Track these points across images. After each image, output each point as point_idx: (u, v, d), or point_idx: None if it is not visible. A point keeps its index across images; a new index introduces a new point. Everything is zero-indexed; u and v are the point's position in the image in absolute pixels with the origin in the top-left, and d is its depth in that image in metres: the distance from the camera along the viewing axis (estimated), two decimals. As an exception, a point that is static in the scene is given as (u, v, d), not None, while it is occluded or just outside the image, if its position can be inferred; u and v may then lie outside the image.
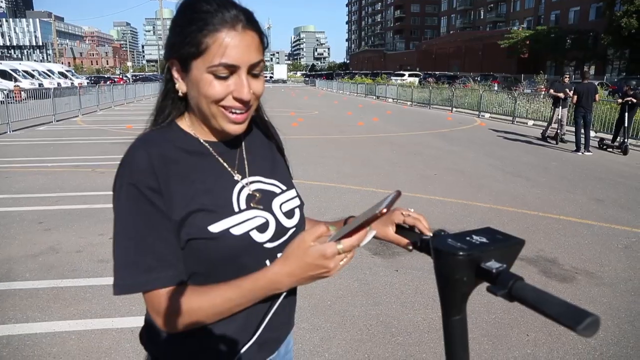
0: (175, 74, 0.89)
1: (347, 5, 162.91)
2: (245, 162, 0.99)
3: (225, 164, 0.95)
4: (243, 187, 0.95)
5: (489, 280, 0.59)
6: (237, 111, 0.87)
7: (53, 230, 4.88)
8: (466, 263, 0.60)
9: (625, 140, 10.41)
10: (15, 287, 3.62)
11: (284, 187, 1.03)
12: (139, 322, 1.03)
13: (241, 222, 0.90)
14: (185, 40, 0.83)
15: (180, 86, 0.89)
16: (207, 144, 0.95)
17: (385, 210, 0.68)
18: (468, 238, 0.64)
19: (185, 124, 0.95)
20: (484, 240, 0.63)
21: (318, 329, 3.11)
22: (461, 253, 0.60)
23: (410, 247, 0.94)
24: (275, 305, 0.94)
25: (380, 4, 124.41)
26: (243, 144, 1.01)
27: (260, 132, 1.08)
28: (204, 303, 0.83)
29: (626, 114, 10.53)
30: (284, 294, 0.92)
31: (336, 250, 0.73)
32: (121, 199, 0.84)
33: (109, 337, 2.96)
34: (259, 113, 1.06)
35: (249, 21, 0.85)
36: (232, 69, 0.83)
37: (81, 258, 4.18)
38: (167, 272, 0.84)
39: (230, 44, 0.82)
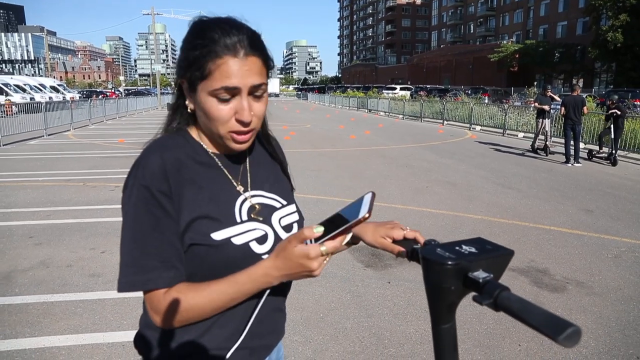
0: (185, 92, 0.95)
1: (338, 20, 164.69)
2: (249, 176, 1.03)
3: (229, 176, 1.00)
4: (245, 199, 0.99)
5: (476, 290, 0.60)
6: (241, 132, 0.92)
7: (44, 245, 4.84)
8: (454, 272, 0.61)
9: (614, 151, 10.56)
10: (4, 302, 3.58)
11: (284, 202, 1.07)
12: (130, 336, 1.05)
13: (242, 233, 0.94)
14: (191, 65, 0.89)
15: (189, 104, 0.95)
16: (213, 155, 0.99)
17: (367, 215, 0.73)
18: (457, 248, 0.64)
19: (195, 134, 1.00)
20: (473, 250, 0.64)
21: (310, 342, 3.10)
22: (449, 262, 0.60)
23: (404, 255, 0.95)
24: (255, 313, 0.96)
25: (371, 18, 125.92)
26: (247, 158, 1.05)
27: (265, 148, 1.13)
28: (200, 299, 0.87)
29: (612, 125, 10.71)
30: (262, 300, 0.95)
31: (319, 252, 0.78)
32: (132, 198, 0.88)
33: (99, 352, 2.93)
34: (265, 130, 1.10)
35: (252, 47, 0.89)
36: (233, 92, 0.88)
37: (72, 272, 4.15)
38: (168, 273, 0.88)
39: (231, 69, 0.86)
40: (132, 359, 0.82)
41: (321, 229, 0.79)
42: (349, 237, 0.80)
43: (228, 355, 0.95)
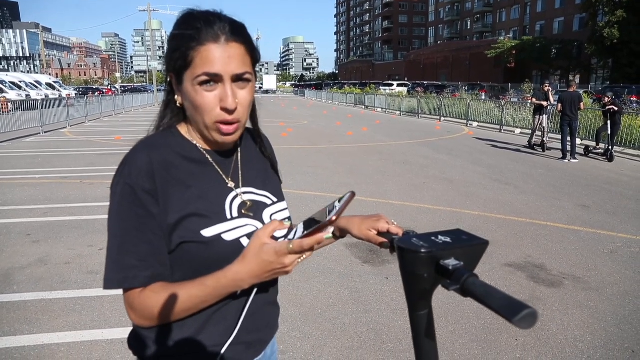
0: (174, 86, 0.95)
1: (335, 16, 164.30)
2: (240, 173, 1.03)
3: (220, 172, 1.00)
4: (236, 195, 0.99)
5: (446, 277, 0.62)
6: (226, 122, 0.91)
7: (41, 242, 4.83)
8: (426, 260, 0.63)
9: (610, 147, 10.60)
10: (2, 300, 3.58)
11: (275, 199, 1.07)
12: (129, 333, 1.04)
13: (233, 229, 0.94)
14: (175, 55, 0.89)
15: (178, 97, 0.96)
16: (204, 152, 0.99)
17: (334, 218, 0.76)
18: (433, 238, 0.67)
19: (184, 130, 1.00)
20: (448, 240, 0.66)
21: (309, 337, 3.12)
22: (422, 251, 0.63)
23: (387, 247, 0.99)
24: (247, 307, 0.96)
25: (368, 14, 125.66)
26: (239, 155, 1.05)
27: (256, 145, 1.13)
28: (172, 300, 0.86)
29: (609, 121, 10.76)
30: (253, 294, 0.96)
31: (287, 250, 0.78)
32: (116, 195, 0.89)
33: (98, 349, 2.94)
34: (256, 127, 1.10)
35: (234, 33, 0.89)
36: (216, 79, 0.88)
37: (70, 270, 4.15)
38: (145, 273, 0.88)
39: (212, 55, 0.87)
40: (131, 356, 0.82)
41: (289, 223, 0.81)
42: (325, 240, 0.82)
43: (223, 351, 0.95)
